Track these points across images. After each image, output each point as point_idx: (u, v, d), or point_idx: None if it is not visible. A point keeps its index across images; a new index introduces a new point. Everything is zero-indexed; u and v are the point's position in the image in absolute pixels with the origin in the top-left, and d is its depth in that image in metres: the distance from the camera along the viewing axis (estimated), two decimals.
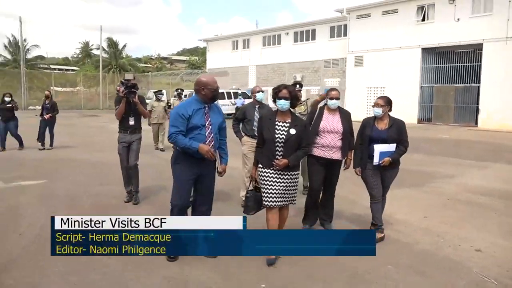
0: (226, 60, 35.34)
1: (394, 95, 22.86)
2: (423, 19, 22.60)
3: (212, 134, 3.78)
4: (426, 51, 22.78)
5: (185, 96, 12.05)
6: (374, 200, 4.48)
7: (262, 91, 5.82)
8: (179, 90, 11.83)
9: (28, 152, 10.01)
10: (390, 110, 4.47)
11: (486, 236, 4.66)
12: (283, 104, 3.80)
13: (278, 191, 3.81)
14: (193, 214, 3.99)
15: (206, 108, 3.82)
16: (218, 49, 36.65)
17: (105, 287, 3.27)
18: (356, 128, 4.60)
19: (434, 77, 23.16)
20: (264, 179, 3.83)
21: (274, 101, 3.93)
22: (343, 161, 4.72)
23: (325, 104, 4.77)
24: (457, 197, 6.43)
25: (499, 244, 4.44)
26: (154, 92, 11.83)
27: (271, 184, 3.80)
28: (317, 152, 4.58)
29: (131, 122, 5.56)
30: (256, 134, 4.35)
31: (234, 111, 21.19)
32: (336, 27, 27.84)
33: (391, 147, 4.35)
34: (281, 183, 3.81)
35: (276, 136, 3.79)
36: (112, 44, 42.41)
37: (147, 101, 11.51)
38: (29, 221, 4.79)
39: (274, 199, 3.82)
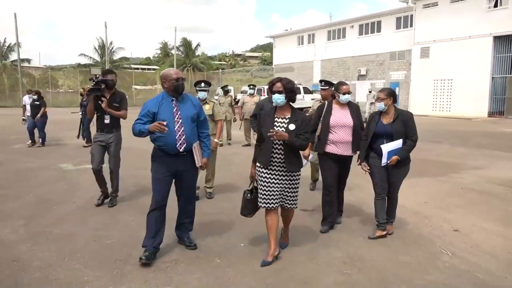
0: (291, 56, 35.95)
1: (462, 87, 22.34)
2: (495, 5, 21.30)
3: (182, 128, 3.63)
4: (498, 39, 21.45)
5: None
6: (377, 197, 4.36)
7: None
8: (227, 87, 12.23)
9: None
10: (394, 101, 4.28)
11: (474, 220, 4.92)
12: (277, 98, 3.56)
13: (275, 192, 3.62)
14: (179, 215, 4.01)
15: (174, 102, 3.68)
16: (284, 45, 37.35)
17: (122, 239, 4.24)
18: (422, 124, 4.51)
19: (507, 67, 21.69)
20: (261, 179, 3.65)
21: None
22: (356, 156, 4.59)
23: (333, 98, 4.72)
24: (472, 187, 6.57)
25: (482, 227, 4.70)
26: (222, 87, 12.25)
27: (268, 185, 3.61)
28: (329, 148, 4.47)
29: (106, 121, 5.26)
30: None
31: (296, 106, 21.61)
32: (402, 18, 27.09)
33: (398, 143, 4.15)
34: (278, 184, 3.61)
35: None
36: (186, 43, 45.04)
37: (215, 97, 11.93)
38: (82, 193, 6.03)
39: (270, 200, 3.62)
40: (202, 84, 5.68)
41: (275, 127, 3.53)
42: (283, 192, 3.66)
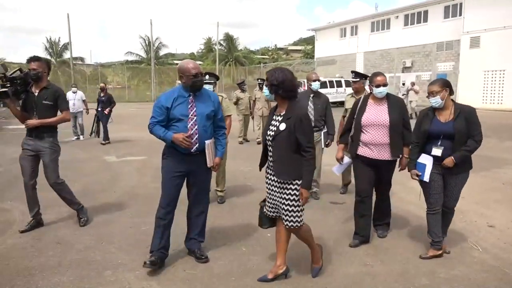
0: (333, 49, 35.41)
1: None
2: None
3: (196, 126, 3.36)
4: None
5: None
6: (430, 209, 3.66)
7: (319, 80, 5.32)
8: (259, 80, 11.42)
9: (141, 135, 12.01)
10: (450, 93, 3.53)
11: None
12: (264, 90, 3.19)
13: (272, 200, 3.19)
14: (188, 214, 3.72)
15: (191, 97, 3.39)
16: (326, 38, 36.88)
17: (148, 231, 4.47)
18: None
19: None
20: (265, 182, 3.29)
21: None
22: (398, 160, 3.95)
23: (370, 92, 4.05)
24: None
25: None
26: (238, 84, 11.78)
27: (268, 190, 3.24)
28: (361, 150, 3.92)
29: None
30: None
31: (337, 100, 21.42)
32: (450, 7, 25.90)
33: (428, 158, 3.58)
34: (273, 191, 3.16)
35: (268, 132, 3.13)
36: (229, 38, 45.58)
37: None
38: (123, 184, 6.39)
39: (269, 208, 3.24)
40: (207, 77, 5.07)
41: (270, 126, 3.14)
42: (277, 203, 3.14)
